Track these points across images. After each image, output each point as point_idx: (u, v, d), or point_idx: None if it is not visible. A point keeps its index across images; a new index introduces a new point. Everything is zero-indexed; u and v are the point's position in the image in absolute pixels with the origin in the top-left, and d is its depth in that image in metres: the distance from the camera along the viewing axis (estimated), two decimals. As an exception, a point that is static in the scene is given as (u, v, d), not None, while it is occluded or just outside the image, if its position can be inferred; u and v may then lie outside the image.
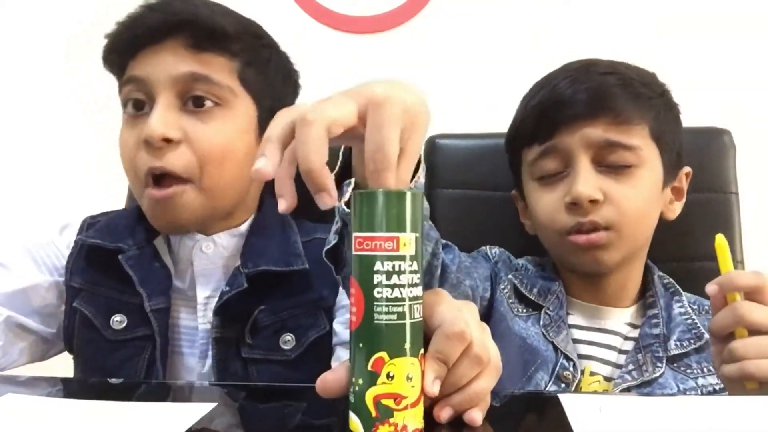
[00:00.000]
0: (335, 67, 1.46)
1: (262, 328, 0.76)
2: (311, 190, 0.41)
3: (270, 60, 0.81)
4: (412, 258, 0.42)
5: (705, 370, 0.77)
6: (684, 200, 0.87)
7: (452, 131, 1.02)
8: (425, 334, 0.44)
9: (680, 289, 0.85)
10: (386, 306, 0.41)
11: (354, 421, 0.42)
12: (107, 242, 0.77)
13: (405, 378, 0.42)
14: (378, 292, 0.41)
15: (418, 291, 0.43)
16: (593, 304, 0.84)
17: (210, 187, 0.74)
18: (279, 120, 0.43)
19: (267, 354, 0.76)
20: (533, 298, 0.85)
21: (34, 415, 0.49)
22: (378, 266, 0.41)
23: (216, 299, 0.76)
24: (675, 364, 0.78)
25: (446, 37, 1.48)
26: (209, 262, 0.79)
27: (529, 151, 0.84)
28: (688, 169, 0.87)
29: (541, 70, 0.87)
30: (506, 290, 0.87)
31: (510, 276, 0.88)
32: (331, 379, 0.45)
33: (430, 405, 0.45)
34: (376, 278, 0.41)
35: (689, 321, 0.81)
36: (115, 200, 1.02)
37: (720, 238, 0.65)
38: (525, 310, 0.84)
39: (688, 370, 0.78)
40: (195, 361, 0.77)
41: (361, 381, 0.42)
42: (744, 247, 0.94)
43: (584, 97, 0.78)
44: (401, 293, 0.41)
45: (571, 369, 0.78)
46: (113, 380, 0.71)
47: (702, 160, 0.91)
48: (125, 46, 0.76)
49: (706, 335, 0.77)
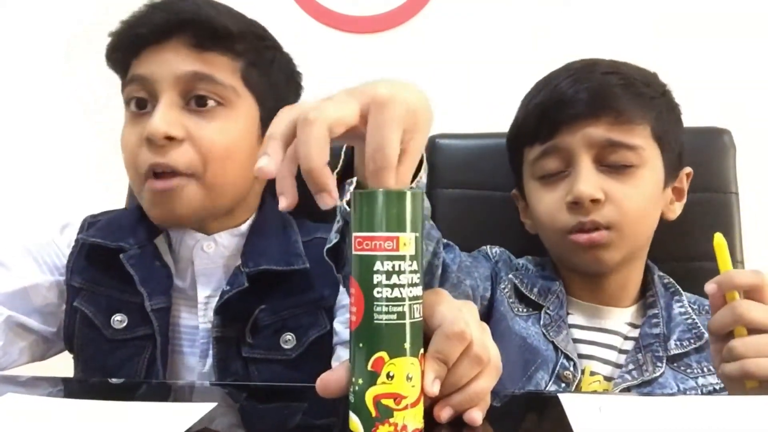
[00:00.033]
0: (335, 67, 1.45)
1: (263, 328, 0.76)
2: (312, 190, 0.41)
3: (273, 60, 0.81)
4: (412, 258, 0.42)
5: (705, 369, 0.77)
6: (684, 200, 0.87)
7: (452, 131, 1.02)
8: (425, 334, 0.44)
9: (680, 288, 0.85)
10: (386, 306, 0.41)
11: (354, 421, 0.42)
12: (108, 241, 0.77)
13: (405, 378, 0.42)
14: (378, 292, 0.41)
15: (418, 291, 0.43)
16: (593, 303, 0.84)
17: (213, 184, 0.74)
18: (281, 118, 0.43)
19: (267, 353, 0.76)
20: (533, 298, 0.85)
21: (34, 415, 0.49)
22: (378, 266, 0.41)
23: (217, 299, 0.76)
24: (675, 364, 0.78)
25: (446, 37, 1.48)
26: (210, 262, 0.79)
27: (530, 150, 0.84)
28: (689, 170, 0.87)
29: (541, 70, 0.87)
30: (506, 290, 0.87)
31: (510, 276, 0.88)
32: (331, 379, 0.45)
33: (430, 405, 0.45)
34: (376, 278, 0.41)
35: (689, 321, 0.81)
36: (115, 200, 1.02)
37: (719, 237, 0.65)
38: (525, 310, 0.84)
39: (688, 370, 0.78)
40: (195, 361, 0.77)
41: (361, 381, 0.42)
42: (744, 247, 0.94)
43: (586, 97, 0.78)
44: (401, 293, 0.41)
45: (572, 369, 0.78)
46: (113, 380, 0.71)
47: (702, 160, 0.91)
48: (129, 45, 0.76)
49: (706, 335, 0.77)
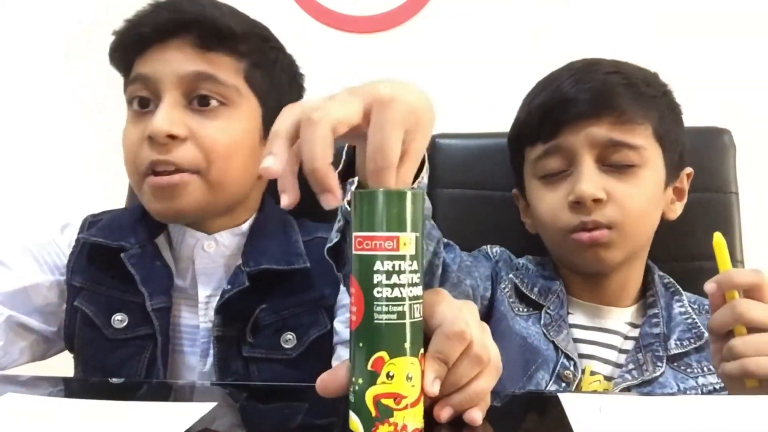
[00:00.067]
0: (335, 67, 1.45)
1: (264, 327, 0.76)
2: (316, 190, 0.41)
3: (276, 61, 0.81)
4: (412, 257, 0.42)
5: (705, 369, 0.78)
6: (685, 200, 0.87)
7: (452, 131, 1.02)
8: (425, 334, 0.44)
9: (680, 288, 0.85)
10: (386, 305, 0.41)
11: (354, 420, 0.42)
12: (109, 240, 0.77)
13: (405, 378, 0.42)
14: (378, 292, 0.41)
15: (418, 290, 0.43)
16: (594, 303, 0.84)
17: (216, 181, 0.74)
18: (285, 116, 0.43)
19: (268, 353, 0.76)
20: (534, 298, 0.85)
21: (34, 415, 0.49)
22: (378, 266, 0.41)
23: (217, 298, 0.76)
24: (675, 364, 0.78)
25: (446, 37, 1.48)
26: (211, 261, 0.79)
27: (532, 149, 0.84)
28: (689, 170, 0.87)
29: (541, 70, 0.87)
30: (507, 290, 0.87)
31: (511, 275, 0.88)
32: (331, 378, 0.45)
33: (430, 405, 0.45)
34: (376, 278, 0.41)
35: (689, 320, 0.81)
36: (115, 200, 1.02)
37: (718, 237, 0.65)
38: (526, 310, 0.84)
39: (689, 370, 0.78)
40: (196, 360, 0.77)
41: (361, 380, 0.42)
42: (744, 247, 0.94)
43: (588, 97, 0.78)
44: (401, 293, 0.41)
45: (572, 368, 0.78)
46: (114, 380, 0.71)
47: (702, 160, 0.91)
48: (132, 44, 0.76)
49: (706, 334, 0.77)
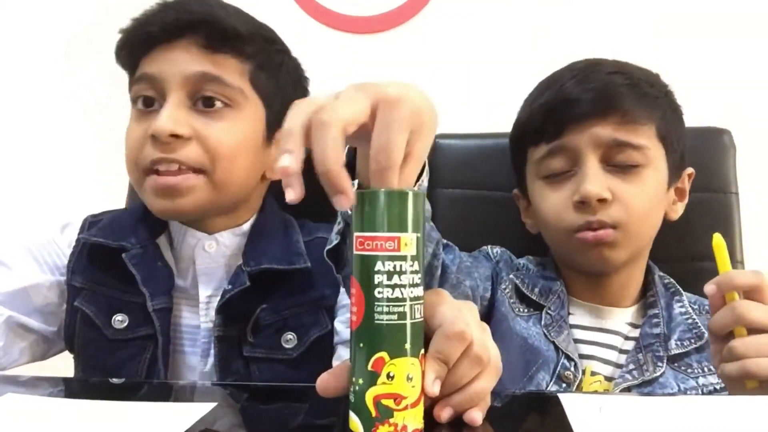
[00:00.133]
0: (335, 67, 1.45)
1: (264, 327, 0.76)
2: (329, 192, 0.41)
3: (282, 64, 0.81)
4: (413, 258, 0.42)
5: (706, 369, 0.78)
6: (686, 201, 0.87)
7: (452, 131, 1.01)
8: (426, 335, 0.44)
9: (680, 288, 0.85)
10: (387, 306, 0.41)
11: (354, 421, 0.42)
12: (110, 240, 0.77)
13: (405, 378, 0.42)
14: (379, 292, 0.41)
15: (419, 291, 0.43)
16: (594, 303, 0.84)
17: (220, 182, 0.74)
18: (297, 113, 0.42)
19: (269, 353, 0.76)
20: (534, 298, 0.85)
21: (34, 415, 0.49)
22: (379, 266, 0.41)
23: (218, 298, 0.76)
24: (676, 364, 0.78)
25: (446, 37, 1.48)
26: (211, 261, 0.79)
27: (535, 150, 0.84)
28: (690, 170, 0.87)
29: (541, 70, 0.87)
30: (507, 290, 0.87)
31: (512, 276, 0.88)
32: (331, 378, 0.45)
33: (431, 405, 0.45)
34: (377, 278, 0.41)
35: (690, 321, 0.81)
36: (115, 200, 1.02)
37: (717, 238, 0.65)
38: (526, 310, 0.84)
39: (689, 370, 0.78)
40: (197, 360, 0.77)
41: (361, 381, 0.42)
42: (744, 247, 0.94)
43: (592, 97, 0.78)
44: (402, 293, 0.41)
45: (573, 369, 0.78)
46: (114, 380, 0.71)
47: (702, 160, 0.91)
48: (139, 43, 0.76)
49: (707, 335, 0.77)
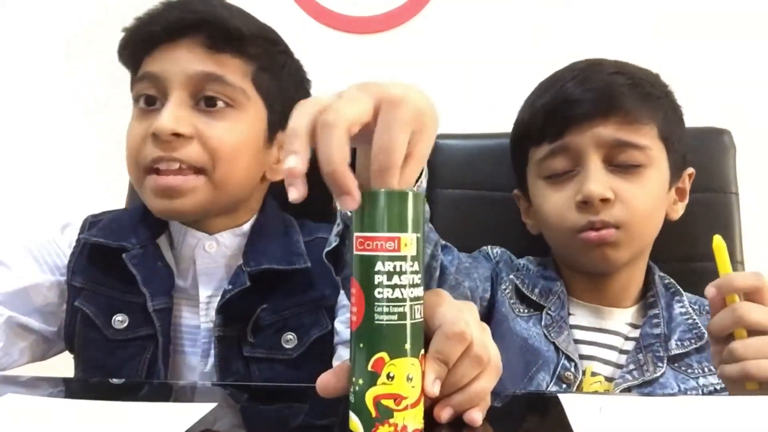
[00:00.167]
0: (335, 67, 1.45)
1: (264, 327, 0.76)
2: (335, 193, 0.41)
3: (285, 66, 0.81)
4: (413, 258, 0.42)
5: (706, 369, 0.78)
6: (687, 201, 0.87)
7: (452, 131, 1.01)
8: (426, 335, 0.44)
9: (680, 289, 0.85)
10: (387, 306, 0.41)
11: (354, 421, 0.42)
12: (110, 240, 0.77)
13: (405, 378, 0.42)
14: (379, 293, 0.41)
15: (419, 291, 0.43)
16: (594, 304, 0.84)
17: (221, 181, 0.74)
18: (301, 113, 0.42)
19: (269, 353, 0.76)
20: (535, 299, 0.85)
21: (34, 416, 0.49)
22: (379, 266, 0.41)
23: (218, 298, 0.76)
24: (676, 364, 0.78)
25: (446, 37, 1.48)
26: (212, 261, 0.79)
27: (537, 150, 0.83)
28: (691, 170, 0.87)
29: (541, 70, 0.87)
30: (508, 291, 0.87)
31: (512, 276, 0.88)
32: (331, 379, 0.45)
33: (431, 405, 0.45)
34: (377, 278, 0.41)
35: (690, 321, 0.81)
36: (115, 200, 1.02)
37: (718, 240, 0.65)
38: (526, 311, 0.84)
39: (689, 370, 0.78)
40: (197, 360, 0.77)
41: (361, 381, 0.42)
42: (744, 247, 0.94)
43: (594, 97, 0.78)
44: (402, 294, 0.41)
45: (573, 370, 0.78)
46: (114, 380, 0.71)
47: (702, 160, 0.91)
48: (142, 42, 0.76)
49: (707, 335, 0.77)
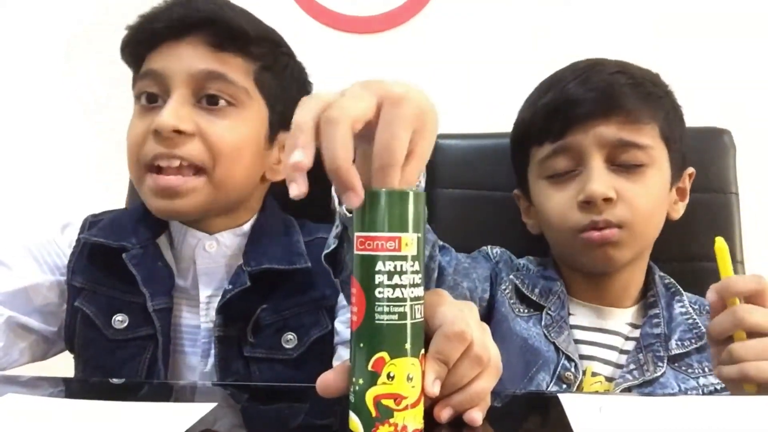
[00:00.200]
0: (335, 67, 1.45)
1: (265, 327, 0.76)
2: (338, 190, 0.41)
3: (287, 67, 0.81)
4: (413, 258, 0.42)
5: (706, 369, 0.77)
6: (687, 200, 0.87)
7: (452, 131, 1.01)
8: (426, 335, 0.44)
9: (681, 289, 0.85)
10: (387, 306, 0.41)
11: (354, 421, 0.42)
12: (111, 240, 0.77)
13: (405, 378, 0.42)
14: (379, 292, 0.41)
15: (419, 291, 0.43)
16: (595, 304, 0.84)
17: (220, 181, 0.74)
18: (306, 109, 0.42)
19: (269, 353, 0.76)
20: (535, 299, 0.84)
21: (34, 415, 0.49)
22: (379, 266, 0.41)
23: (218, 298, 0.76)
24: (676, 364, 0.78)
25: (446, 37, 1.48)
26: (212, 261, 0.79)
27: (539, 149, 0.83)
28: (691, 170, 0.87)
29: (541, 70, 0.87)
30: (507, 291, 0.87)
31: (512, 276, 0.88)
32: (332, 378, 0.45)
33: (431, 405, 0.45)
34: (378, 278, 0.41)
35: (690, 321, 0.81)
36: (115, 200, 1.02)
37: (720, 242, 0.65)
38: (526, 311, 0.84)
39: (690, 370, 0.78)
40: (197, 360, 0.77)
41: (361, 381, 0.42)
42: (744, 248, 0.94)
43: (596, 97, 0.78)
44: (402, 293, 0.41)
45: (573, 370, 0.78)
46: (114, 380, 0.71)
47: (702, 160, 0.91)
48: (145, 39, 0.76)
49: (706, 337, 0.77)
